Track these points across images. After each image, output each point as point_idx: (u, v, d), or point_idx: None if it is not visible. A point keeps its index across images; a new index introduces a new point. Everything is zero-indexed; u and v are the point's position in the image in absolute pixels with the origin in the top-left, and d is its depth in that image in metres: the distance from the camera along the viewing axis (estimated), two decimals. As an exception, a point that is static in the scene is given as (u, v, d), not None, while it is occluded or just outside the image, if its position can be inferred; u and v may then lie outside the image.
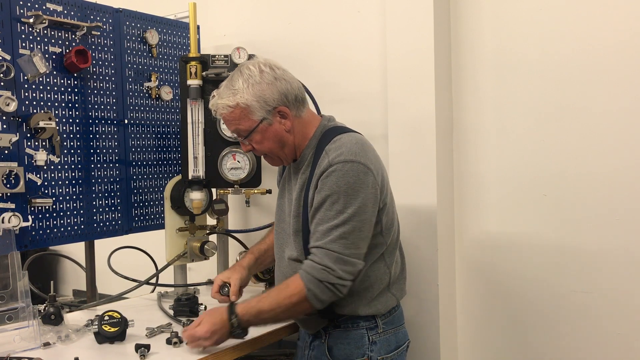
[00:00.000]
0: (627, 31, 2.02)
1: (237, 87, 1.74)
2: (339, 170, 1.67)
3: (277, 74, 1.76)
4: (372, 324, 1.81)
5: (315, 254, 1.69)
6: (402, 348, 1.90)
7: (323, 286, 1.66)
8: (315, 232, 1.70)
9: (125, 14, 2.41)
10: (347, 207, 1.66)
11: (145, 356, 1.73)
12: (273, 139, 1.78)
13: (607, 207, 2.07)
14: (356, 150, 1.70)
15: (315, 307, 1.70)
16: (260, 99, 1.73)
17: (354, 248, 1.68)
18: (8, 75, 1.98)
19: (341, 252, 1.66)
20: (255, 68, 1.75)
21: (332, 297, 1.69)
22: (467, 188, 2.35)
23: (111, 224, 2.36)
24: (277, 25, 2.75)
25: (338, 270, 1.65)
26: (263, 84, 1.73)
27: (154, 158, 2.53)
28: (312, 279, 1.67)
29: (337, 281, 1.66)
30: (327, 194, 1.68)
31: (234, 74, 1.79)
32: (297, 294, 1.68)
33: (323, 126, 1.84)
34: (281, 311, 1.71)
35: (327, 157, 1.71)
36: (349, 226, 1.66)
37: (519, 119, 2.23)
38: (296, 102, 1.78)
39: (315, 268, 1.67)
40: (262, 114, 1.74)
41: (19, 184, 2.00)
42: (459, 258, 2.38)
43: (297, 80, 1.81)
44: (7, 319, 1.84)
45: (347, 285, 1.69)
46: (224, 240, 2.68)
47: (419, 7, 2.24)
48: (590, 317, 2.12)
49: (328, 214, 1.68)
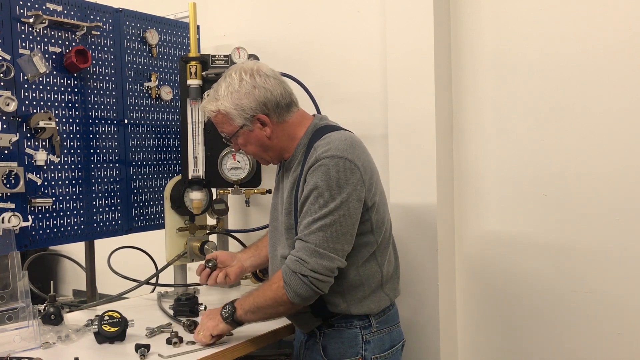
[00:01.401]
0: (627, 31, 2.02)
1: (219, 94, 1.79)
2: (324, 165, 1.68)
3: (257, 83, 1.76)
4: (366, 323, 1.81)
5: (295, 247, 1.72)
6: (397, 347, 1.90)
7: (297, 278, 1.67)
8: (300, 225, 1.72)
9: (125, 14, 2.41)
10: (330, 201, 1.67)
11: (145, 356, 1.73)
12: (255, 144, 1.82)
13: (607, 207, 2.07)
14: (344, 146, 1.71)
15: (294, 301, 1.69)
16: (238, 107, 1.76)
17: (332, 242, 1.67)
18: (8, 75, 1.98)
19: (317, 245, 1.66)
20: (236, 75, 1.77)
21: (308, 292, 1.68)
22: (467, 188, 2.35)
23: (111, 224, 2.36)
24: (277, 25, 2.75)
25: (311, 263, 1.66)
26: (240, 93, 1.75)
27: (154, 158, 2.53)
28: (287, 269, 1.69)
29: (310, 274, 1.66)
30: (312, 188, 1.69)
31: (221, 78, 1.82)
32: (276, 284, 1.71)
33: (314, 125, 1.85)
34: (265, 304, 1.74)
35: (315, 152, 1.73)
36: (328, 220, 1.67)
37: (519, 119, 2.23)
38: (277, 108, 1.78)
39: (291, 259, 1.69)
40: (241, 121, 1.78)
41: (19, 184, 2.00)
42: (458, 258, 2.38)
43: (281, 87, 1.80)
44: (7, 319, 1.84)
45: (324, 281, 1.68)
46: (224, 240, 2.68)
47: (419, 7, 2.24)
48: (590, 317, 2.12)
49: (312, 208, 1.69)
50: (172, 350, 1.78)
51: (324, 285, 1.69)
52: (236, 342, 1.86)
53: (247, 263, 2.09)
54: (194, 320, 1.97)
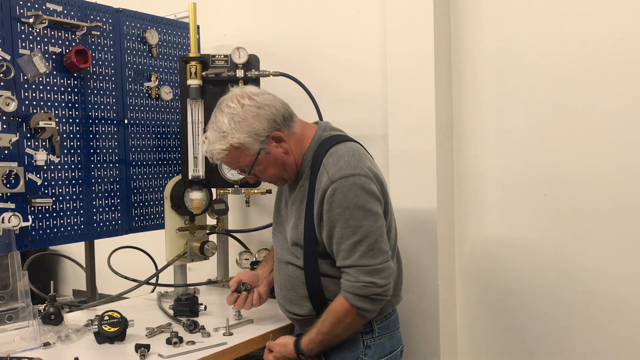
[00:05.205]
0: (627, 31, 2.02)
1: (224, 129, 1.71)
2: (342, 187, 1.67)
3: (259, 102, 1.73)
4: (367, 328, 1.81)
5: (349, 273, 1.70)
6: (397, 352, 1.90)
7: (369, 300, 1.69)
8: (340, 252, 1.71)
9: (125, 14, 2.41)
10: (362, 220, 1.68)
11: (145, 356, 1.73)
12: (274, 165, 1.78)
13: (607, 207, 2.07)
14: (354, 162, 1.71)
15: (370, 317, 1.76)
16: (251, 133, 1.71)
17: (382, 254, 1.70)
18: (8, 75, 1.98)
19: (373, 264, 1.68)
20: (235, 104, 1.72)
21: (381, 304, 1.74)
22: (467, 188, 2.35)
23: (111, 224, 2.36)
24: (277, 25, 2.75)
25: (377, 281, 1.68)
26: (249, 118, 1.71)
27: (154, 158, 2.53)
28: (356, 297, 1.69)
29: (381, 290, 1.70)
30: (338, 212, 1.68)
31: (216, 115, 1.75)
32: (349, 314, 1.71)
33: (318, 137, 1.82)
34: (339, 333, 1.75)
35: (325, 172, 1.71)
36: (371, 238, 1.68)
37: (519, 119, 2.23)
38: (285, 121, 1.76)
39: (356, 286, 1.69)
40: (258, 147, 1.73)
41: (19, 184, 2.00)
42: (458, 259, 2.38)
43: (278, 100, 1.78)
44: (7, 319, 1.84)
45: (391, 288, 1.74)
46: (224, 240, 2.68)
47: (419, 7, 2.24)
48: (590, 317, 2.12)
49: (346, 232, 1.68)
50: (172, 350, 1.78)
51: (390, 291, 1.74)
52: (236, 342, 1.86)
53: (270, 277, 2.05)
54: (194, 320, 1.97)
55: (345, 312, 1.71)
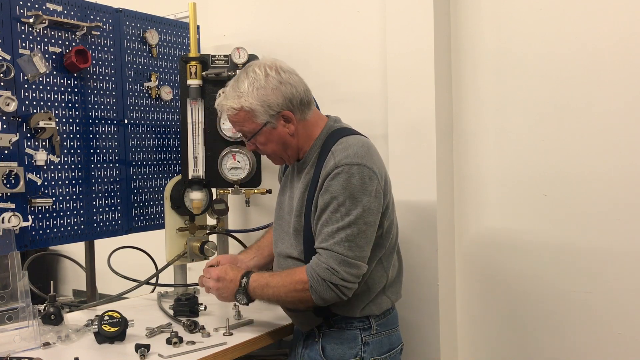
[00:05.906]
0: (627, 31, 2.02)
1: (242, 90, 1.74)
2: (345, 173, 1.67)
3: (283, 78, 1.74)
4: (366, 325, 1.81)
5: (321, 254, 1.70)
6: (396, 350, 1.89)
7: (326, 285, 1.67)
8: (321, 234, 1.71)
9: (125, 14, 2.41)
10: (353, 209, 1.67)
11: (145, 356, 1.73)
12: (276, 142, 1.79)
13: (607, 207, 2.07)
14: (362, 153, 1.71)
15: (317, 303, 1.71)
16: (265, 103, 1.73)
17: (359, 251, 1.69)
18: (8, 75, 1.98)
19: (346, 255, 1.67)
20: (260, 71, 1.74)
21: (334, 297, 1.70)
22: (467, 188, 2.35)
23: (111, 224, 2.36)
24: (277, 25, 2.75)
25: (342, 272, 1.67)
26: (268, 89, 1.73)
27: (154, 158, 2.53)
28: (316, 275, 1.68)
29: (340, 282, 1.67)
30: (332, 196, 1.68)
31: (241, 74, 1.78)
32: (302, 285, 1.71)
33: (329, 127, 1.83)
34: (284, 293, 1.75)
35: (333, 158, 1.71)
36: (354, 229, 1.67)
37: (519, 119, 2.23)
38: (301, 105, 1.77)
39: (320, 266, 1.68)
40: (265, 118, 1.75)
41: (19, 184, 2.00)
42: (459, 258, 2.38)
43: (303, 84, 1.80)
44: (7, 319, 1.84)
45: (352, 288, 1.71)
46: (224, 240, 2.68)
47: (419, 7, 2.24)
48: (590, 316, 2.12)
49: (334, 216, 1.68)
50: (172, 350, 1.78)
51: (350, 291, 1.71)
52: (236, 342, 1.86)
53: (251, 264, 2.07)
54: (194, 321, 1.97)
55: (298, 281, 1.71)
